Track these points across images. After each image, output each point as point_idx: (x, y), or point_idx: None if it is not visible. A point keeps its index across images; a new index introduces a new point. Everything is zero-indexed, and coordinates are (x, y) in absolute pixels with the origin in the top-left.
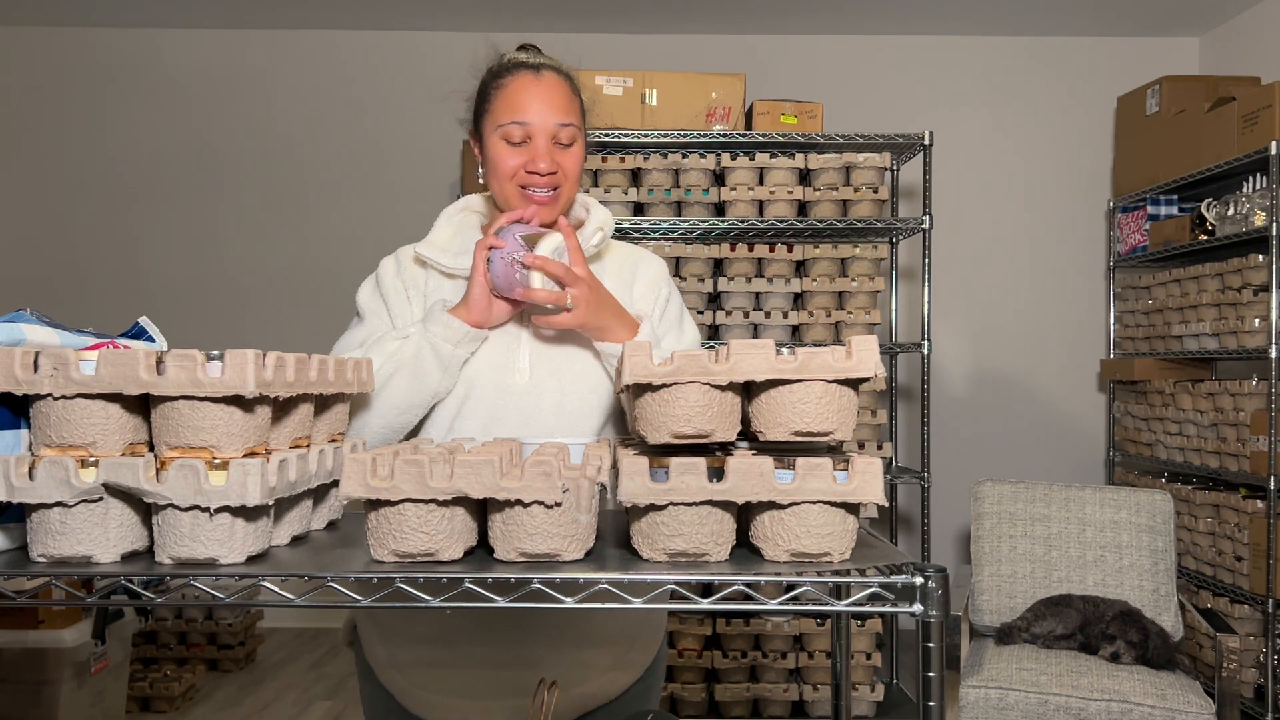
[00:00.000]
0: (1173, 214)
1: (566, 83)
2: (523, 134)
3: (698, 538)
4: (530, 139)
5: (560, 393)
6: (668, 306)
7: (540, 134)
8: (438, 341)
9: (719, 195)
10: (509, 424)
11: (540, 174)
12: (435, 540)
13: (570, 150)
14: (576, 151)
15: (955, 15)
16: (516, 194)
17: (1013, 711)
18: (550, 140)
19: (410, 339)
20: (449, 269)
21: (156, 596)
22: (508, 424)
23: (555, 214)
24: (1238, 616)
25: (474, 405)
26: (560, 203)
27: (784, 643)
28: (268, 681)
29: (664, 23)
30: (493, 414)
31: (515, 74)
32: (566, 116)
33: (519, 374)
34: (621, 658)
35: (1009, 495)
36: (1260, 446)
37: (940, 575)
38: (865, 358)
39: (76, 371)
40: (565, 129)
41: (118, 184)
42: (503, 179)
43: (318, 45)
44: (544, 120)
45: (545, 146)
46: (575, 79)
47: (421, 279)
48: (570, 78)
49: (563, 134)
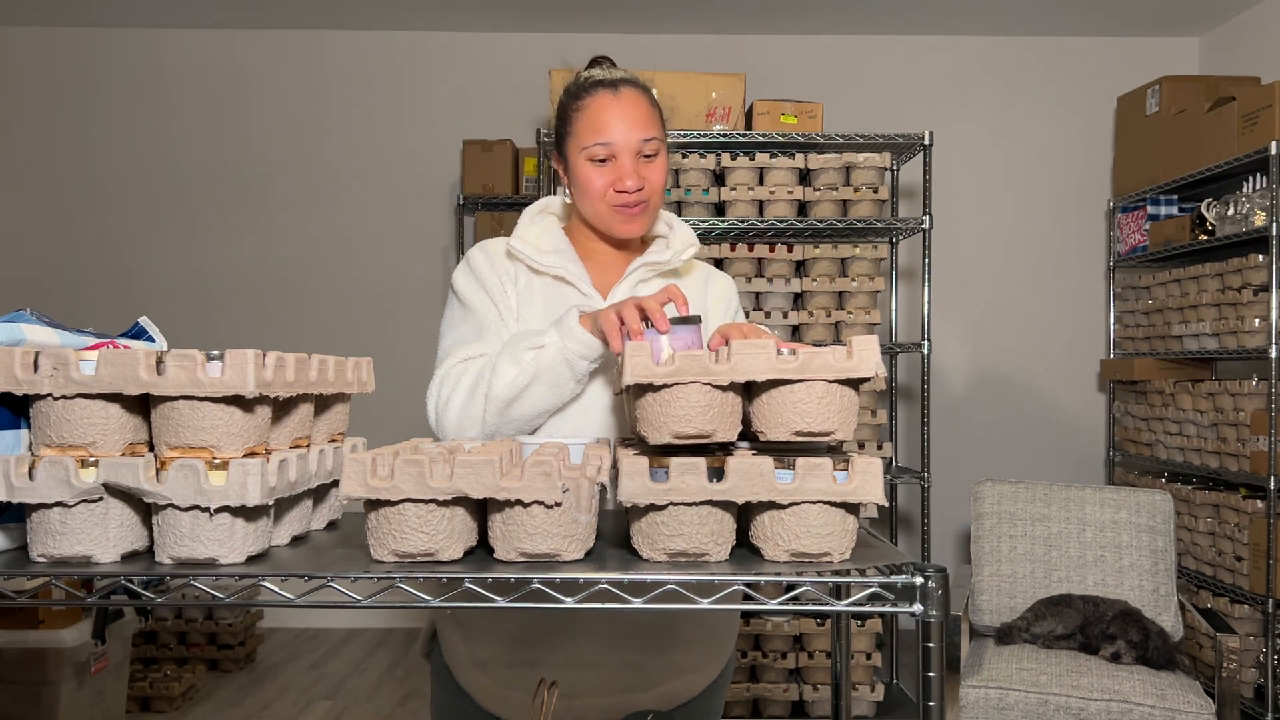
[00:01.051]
0: (1173, 214)
1: (645, 96)
2: (607, 153)
3: (698, 538)
4: (615, 157)
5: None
6: (736, 318)
7: (625, 152)
8: (573, 357)
9: (719, 195)
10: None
11: (629, 191)
12: (435, 540)
13: (654, 162)
14: (660, 163)
15: (955, 15)
16: (608, 212)
17: (1013, 711)
18: (635, 156)
19: (547, 349)
20: (538, 265)
21: (156, 596)
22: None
23: (644, 227)
24: (1238, 616)
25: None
26: (649, 215)
27: (784, 643)
28: (268, 681)
29: (664, 23)
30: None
31: (594, 94)
32: (648, 131)
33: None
34: (700, 660)
35: (1009, 495)
36: (1260, 446)
37: (940, 575)
38: (866, 357)
39: (76, 371)
40: (649, 143)
41: (118, 184)
42: (594, 199)
43: (317, 45)
44: (627, 138)
45: (631, 164)
46: (652, 90)
47: (512, 272)
48: (647, 90)
49: (646, 148)
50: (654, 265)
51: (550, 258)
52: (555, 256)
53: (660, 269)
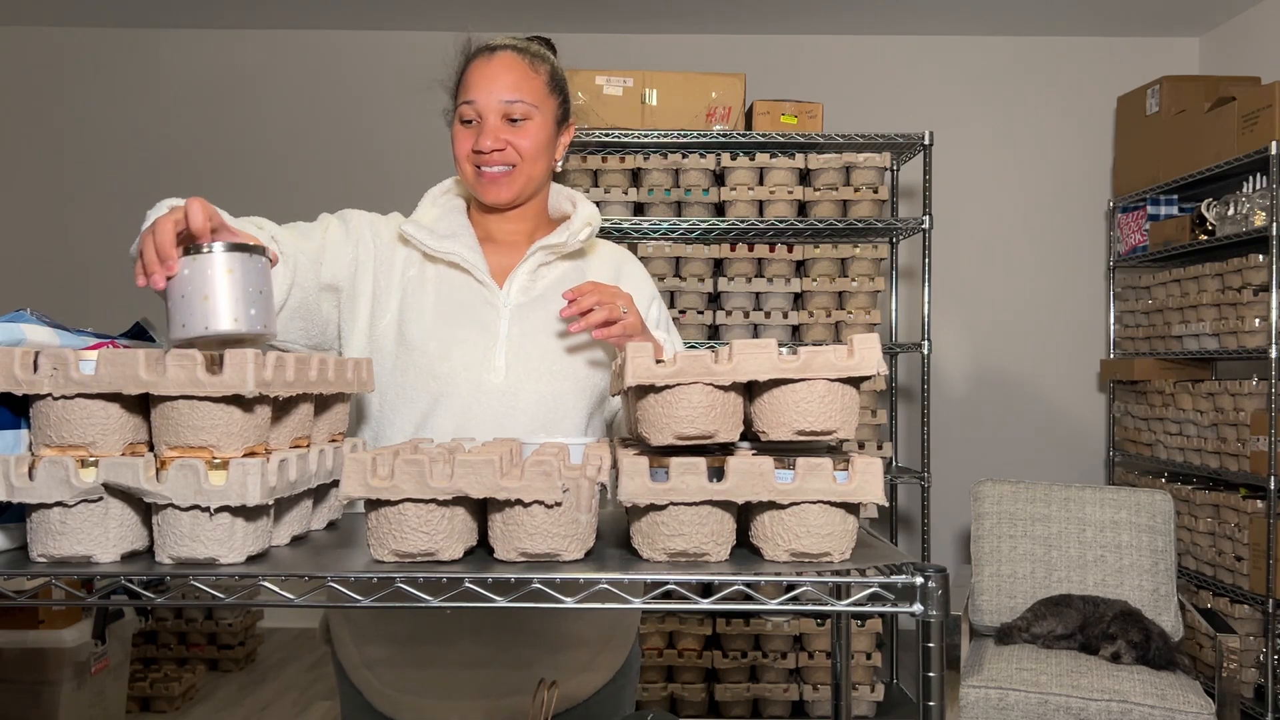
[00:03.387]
0: (1173, 214)
1: (523, 60)
2: (473, 112)
3: (698, 538)
4: (481, 118)
5: (538, 392)
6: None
7: (488, 113)
8: None
9: (719, 195)
10: (483, 423)
11: (484, 152)
12: (435, 540)
13: (522, 127)
14: (531, 129)
15: (955, 15)
16: (471, 174)
17: (1013, 711)
18: (500, 118)
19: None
20: (431, 250)
21: (156, 596)
22: (482, 423)
23: (512, 193)
24: (1238, 616)
25: (448, 404)
26: (516, 182)
27: (784, 643)
28: (268, 681)
29: (664, 23)
30: (467, 413)
31: (474, 59)
32: (515, 93)
33: (495, 373)
34: (593, 659)
35: (1009, 495)
36: (1260, 446)
37: (940, 575)
38: (868, 356)
39: (76, 371)
40: (515, 105)
41: (118, 184)
42: (460, 160)
43: (316, 45)
44: (489, 99)
45: (493, 124)
46: (540, 56)
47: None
48: (531, 55)
49: (513, 111)
50: (553, 248)
51: (445, 243)
52: (450, 241)
53: (560, 251)
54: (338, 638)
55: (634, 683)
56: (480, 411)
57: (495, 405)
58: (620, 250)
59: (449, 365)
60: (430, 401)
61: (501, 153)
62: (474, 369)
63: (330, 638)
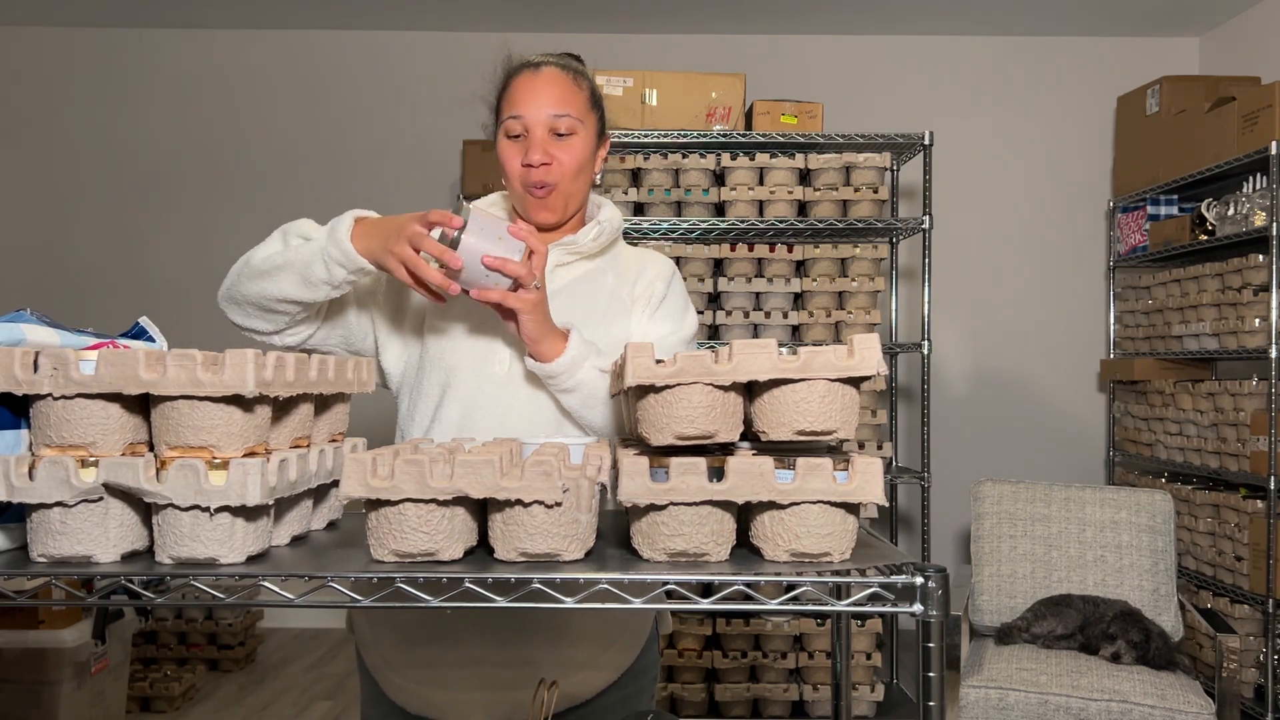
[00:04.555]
0: (1173, 214)
1: (568, 76)
2: (521, 127)
3: (698, 538)
4: (528, 132)
5: (537, 387)
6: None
7: (536, 126)
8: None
9: (719, 195)
10: (487, 413)
11: (534, 165)
12: (435, 540)
13: (567, 142)
14: (574, 144)
15: (955, 15)
16: (523, 195)
17: (1013, 711)
18: (547, 132)
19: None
20: None
21: (156, 596)
22: (486, 413)
23: (555, 214)
24: (1238, 616)
25: (454, 393)
26: (560, 200)
27: (784, 643)
28: (268, 681)
29: (664, 23)
30: (471, 402)
31: (519, 74)
32: (562, 107)
33: (498, 364)
34: (597, 658)
35: (1009, 495)
36: (1260, 446)
37: (940, 575)
38: (868, 356)
39: (76, 371)
40: (562, 119)
41: (118, 184)
42: (511, 180)
43: (317, 45)
44: (538, 113)
45: (540, 138)
46: (581, 73)
47: None
48: (574, 72)
49: (560, 125)
50: (566, 247)
51: None
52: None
53: (575, 251)
54: (358, 632)
55: (649, 687)
56: (484, 401)
57: (498, 396)
58: (646, 253)
59: (456, 356)
60: (439, 391)
61: (545, 168)
62: (478, 359)
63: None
